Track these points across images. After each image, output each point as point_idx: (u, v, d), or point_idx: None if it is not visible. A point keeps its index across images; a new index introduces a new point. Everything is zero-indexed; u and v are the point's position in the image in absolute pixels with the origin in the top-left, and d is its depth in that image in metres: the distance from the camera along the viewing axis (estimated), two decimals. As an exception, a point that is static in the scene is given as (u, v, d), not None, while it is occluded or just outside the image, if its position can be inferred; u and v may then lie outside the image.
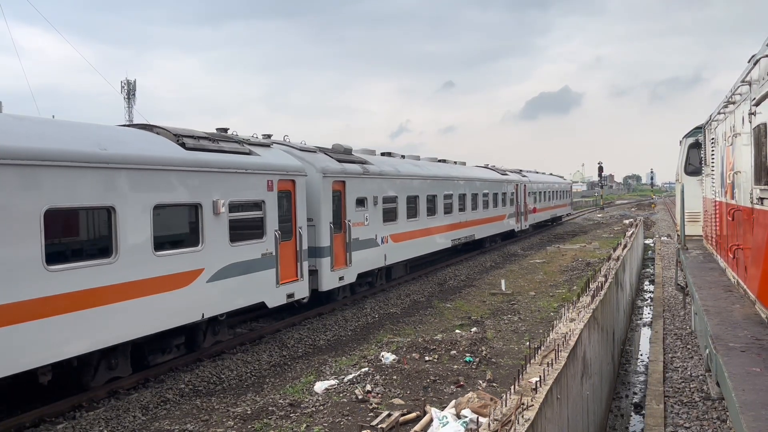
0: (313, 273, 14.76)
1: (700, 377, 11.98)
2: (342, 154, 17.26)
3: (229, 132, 13.54)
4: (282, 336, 13.64)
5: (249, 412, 8.81)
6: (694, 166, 16.29)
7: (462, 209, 25.38)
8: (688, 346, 14.42)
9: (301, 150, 15.49)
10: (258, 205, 12.67)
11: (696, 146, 16.05)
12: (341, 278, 15.89)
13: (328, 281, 15.29)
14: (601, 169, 74.53)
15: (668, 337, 15.49)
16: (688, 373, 12.61)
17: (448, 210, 23.81)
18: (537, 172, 45.81)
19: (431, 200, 22.25)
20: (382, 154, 22.04)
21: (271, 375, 11.28)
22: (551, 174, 51.41)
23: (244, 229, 12.24)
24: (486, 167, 33.86)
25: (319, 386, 9.74)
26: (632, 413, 11.78)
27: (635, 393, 12.80)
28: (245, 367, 11.56)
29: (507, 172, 35.02)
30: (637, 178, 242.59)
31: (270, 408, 8.90)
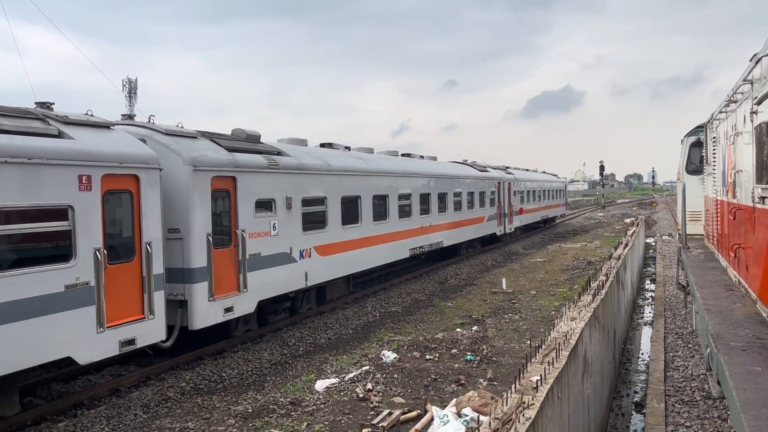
0: (182, 305, 10.95)
1: (701, 376, 11.99)
2: (242, 141, 13.18)
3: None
4: (283, 334, 13.64)
5: (250, 411, 8.83)
6: (695, 165, 16.29)
7: (425, 212, 21.49)
8: (689, 345, 14.42)
9: (167, 134, 11.41)
10: (60, 213, 8.62)
11: (697, 145, 16.04)
12: (229, 309, 11.76)
13: (206, 315, 11.18)
14: (602, 167, 74.54)
15: (669, 336, 15.49)
16: (689, 372, 12.61)
17: (405, 213, 19.83)
18: (527, 170, 42.70)
19: (380, 201, 18.28)
20: (322, 145, 18.19)
21: (272, 373, 11.30)
22: (543, 172, 48.13)
23: (28, 250, 8.40)
24: (464, 163, 30.28)
25: (320, 385, 9.76)
26: (633, 412, 11.80)
27: (636, 392, 12.81)
28: (246, 366, 11.58)
29: (488, 169, 31.10)
30: (639, 177, 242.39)
31: (271, 406, 8.91)
